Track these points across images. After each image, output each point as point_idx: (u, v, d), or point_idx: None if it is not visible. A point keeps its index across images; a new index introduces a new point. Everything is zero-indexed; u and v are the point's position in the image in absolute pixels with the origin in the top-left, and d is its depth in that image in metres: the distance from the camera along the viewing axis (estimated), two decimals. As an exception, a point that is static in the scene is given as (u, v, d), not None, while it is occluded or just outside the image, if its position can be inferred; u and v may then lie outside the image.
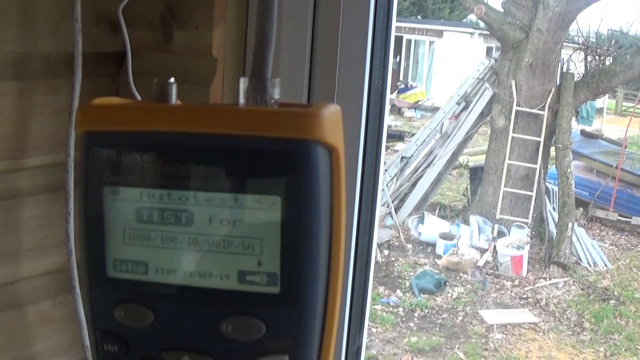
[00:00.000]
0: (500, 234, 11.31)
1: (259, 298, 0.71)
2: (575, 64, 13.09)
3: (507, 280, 10.25)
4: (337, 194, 0.71)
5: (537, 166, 11.73)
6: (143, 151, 0.71)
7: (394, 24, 1.42)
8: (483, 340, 8.62)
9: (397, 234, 11.24)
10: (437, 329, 8.76)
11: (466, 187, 13.55)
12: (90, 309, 0.76)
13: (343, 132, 0.74)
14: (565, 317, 9.38)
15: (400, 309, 9.10)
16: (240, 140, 0.69)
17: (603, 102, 21.98)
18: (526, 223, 11.45)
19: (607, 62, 12.85)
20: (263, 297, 0.71)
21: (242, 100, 0.75)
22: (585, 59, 12.72)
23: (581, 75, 12.47)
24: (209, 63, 1.35)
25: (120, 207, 0.72)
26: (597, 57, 12.71)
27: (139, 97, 0.79)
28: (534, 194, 11.66)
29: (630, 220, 12.99)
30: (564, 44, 12.47)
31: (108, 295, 0.75)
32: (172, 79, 0.76)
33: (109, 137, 0.72)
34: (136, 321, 0.74)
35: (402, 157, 12.60)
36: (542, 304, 9.67)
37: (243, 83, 0.74)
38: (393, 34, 1.42)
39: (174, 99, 0.76)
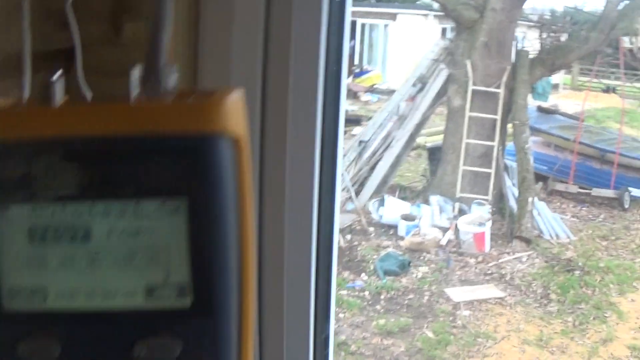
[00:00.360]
0: (462, 212, 11.36)
1: (170, 314, 0.66)
2: (531, 41, 13.18)
3: (470, 258, 10.31)
4: (244, 189, 0.67)
5: (495, 143, 11.80)
6: (28, 162, 0.63)
7: (349, 8, 1.38)
8: (451, 318, 8.67)
9: (359, 218, 11.21)
10: (405, 310, 8.79)
11: (425, 168, 13.58)
12: None
13: (246, 118, 0.70)
14: (531, 290, 9.47)
15: (367, 293, 9.10)
16: (134, 140, 0.63)
17: (559, 77, 22.13)
18: (486, 200, 11.52)
19: (562, 39, 12.96)
20: (175, 313, 0.65)
21: (135, 91, 0.67)
22: (540, 36, 12.86)
23: (536, 52, 12.56)
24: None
25: (9, 227, 0.64)
26: (552, 34, 12.82)
27: (88, 96, 0.75)
28: (493, 171, 11.73)
29: (590, 191, 13.14)
30: (519, 22, 12.55)
31: (7, 331, 0.66)
32: (57, 75, 0.69)
33: None
34: (43, 356, 0.66)
35: (360, 141, 12.59)
36: (507, 278, 9.75)
37: (135, 73, 0.67)
38: (349, 18, 1.37)
39: (58, 98, 0.68)
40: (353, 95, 21.34)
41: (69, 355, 0.66)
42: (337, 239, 1.53)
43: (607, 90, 22.63)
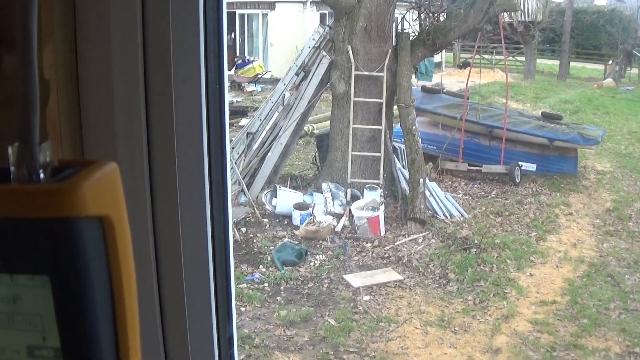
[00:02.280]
0: (354, 198, 11.36)
1: None
2: (410, 23, 13.22)
3: (366, 242, 10.30)
4: (117, 264, 0.68)
5: (382, 127, 11.81)
6: None
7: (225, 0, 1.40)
8: (352, 305, 8.61)
9: (252, 210, 11.13)
10: (305, 299, 8.71)
11: (314, 155, 13.56)
12: None
13: (120, 194, 0.71)
14: (429, 270, 9.50)
15: (266, 285, 9.00)
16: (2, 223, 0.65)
17: (441, 56, 22.47)
18: (378, 184, 11.51)
19: (441, 19, 13.04)
20: None
21: (13, 169, 0.68)
22: (419, 17, 12.88)
23: (417, 34, 12.60)
24: (41, 85, 1.17)
25: None
26: (430, 15, 12.88)
27: None
28: (382, 154, 11.73)
29: (480, 168, 13.31)
30: (397, 3, 12.56)
31: None
32: None
33: None
34: None
35: (248, 133, 12.49)
36: (404, 261, 9.76)
37: (13, 151, 0.68)
38: (225, 10, 1.38)
39: None
40: (237, 86, 21.35)
41: None
42: (232, 233, 1.49)
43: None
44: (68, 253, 0.64)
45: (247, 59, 23.27)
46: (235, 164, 11.82)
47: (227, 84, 1.45)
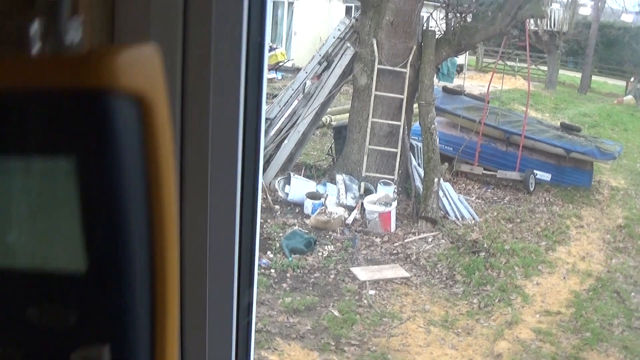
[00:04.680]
0: (367, 192, 11.34)
1: (64, 280, 0.59)
2: (437, 21, 13.20)
3: (376, 237, 10.28)
4: (155, 152, 0.59)
5: (401, 123, 11.78)
6: None
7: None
8: (357, 297, 8.62)
9: (265, 196, 11.11)
10: (311, 288, 8.71)
11: (330, 147, 13.53)
12: None
13: (162, 77, 0.62)
14: (436, 270, 9.49)
15: (273, 271, 9.00)
16: (24, 96, 0.57)
17: (464, 59, 22.44)
18: (392, 180, 11.50)
19: (468, 19, 13.01)
20: (69, 279, 0.59)
21: (35, 46, 0.60)
22: (447, 16, 12.85)
23: (442, 33, 12.57)
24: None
25: None
26: (458, 15, 12.84)
27: None
28: (398, 150, 11.71)
29: (495, 173, 13.27)
30: (425, 2, 12.56)
31: None
32: None
33: None
34: None
35: (266, 119, 12.45)
36: (412, 258, 9.75)
37: (34, 27, 0.60)
38: None
39: None
40: (258, 72, 21.32)
41: None
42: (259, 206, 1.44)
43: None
44: (99, 131, 0.56)
45: (270, 46, 23.24)
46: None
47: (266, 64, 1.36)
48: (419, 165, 12.23)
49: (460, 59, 21.32)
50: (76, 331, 0.58)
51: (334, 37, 12.52)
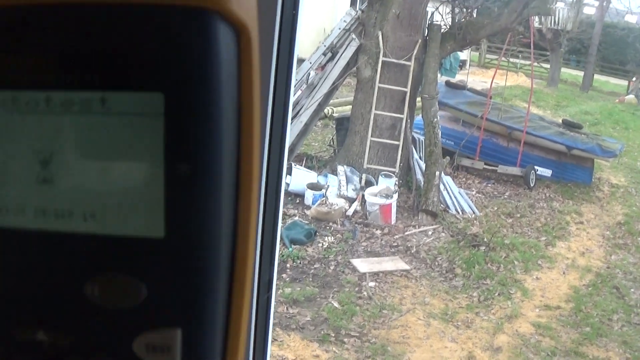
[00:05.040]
0: (368, 184, 11.34)
1: (135, 246, 0.50)
2: (442, 15, 13.19)
3: (376, 229, 10.28)
4: (248, 93, 0.50)
5: (404, 116, 11.77)
6: None
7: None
8: (356, 289, 8.61)
9: (265, 186, 11.08)
10: (310, 279, 8.70)
11: (332, 138, 13.52)
12: None
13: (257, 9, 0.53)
14: (436, 263, 9.48)
15: (273, 260, 8.95)
16: (105, 10, 0.47)
17: (467, 54, 22.42)
18: (393, 172, 11.50)
19: (474, 15, 13.00)
20: (141, 245, 0.50)
21: None
22: (453, 10, 12.83)
23: (448, 27, 12.57)
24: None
25: None
26: (464, 9, 12.83)
27: None
28: (400, 143, 11.71)
29: (496, 168, 13.28)
30: (431, -5, 12.54)
31: None
32: None
33: None
34: None
35: (269, 109, 12.42)
36: (412, 251, 9.75)
37: None
38: None
39: None
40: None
41: (6, 289, 0.51)
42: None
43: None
44: (200, 64, 0.47)
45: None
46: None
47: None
48: (420, 158, 12.24)
49: (463, 55, 21.30)
50: (143, 311, 0.50)
51: (339, 29, 12.49)
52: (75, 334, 0.51)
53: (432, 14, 13.38)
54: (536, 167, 13.43)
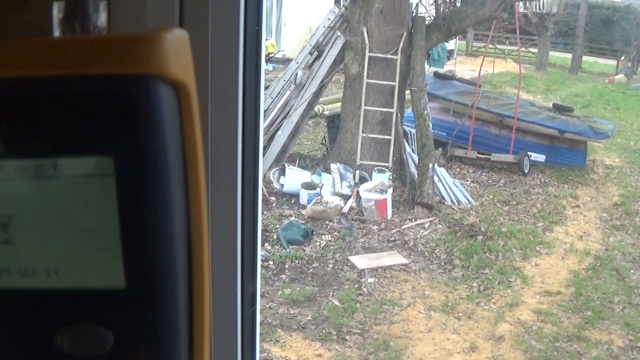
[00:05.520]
0: (362, 180, 11.33)
1: (99, 297, 0.51)
2: (426, 7, 13.18)
3: (373, 225, 10.27)
4: (191, 147, 0.52)
5: (394, 110, 11.77)
6: None
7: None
8: (356, 286, 8.62)
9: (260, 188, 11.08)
10: (310, 279, 8.71)
11: (324, 136, 13.51)
12: None
13: (191, 64, 0.56)
14: (434, 256, 9.49)
15: (271, 262, 8.98)
16: (53, 83, 0.48)
17: (454, 43, 22.44)
18: (387, 167, 11.50)
19: (458, 4, 12.99)
20: (105, 295, 0.51)
21: (56, 32, 0.58)
22: (436, 1, 12.82)
23: (432, 18, 12.56)
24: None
25: None
26: (447, 0, 12.82)
27: None
28: (392, 137, 11.71)
29: (489, 157, 13.29)
30: (414, -13, 12.55)
31: None
32: None
33: None
34: None
35: (259, 111, 12.42)
36: (410, 245, 9.75)
37: (57, 9, 0.57)
38: None
39: None
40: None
41: None
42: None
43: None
44: (145, 125, 0.49)
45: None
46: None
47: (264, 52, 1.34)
48: (413, 151, 12.23)
49: (450, 44, 21.33)
50: (111, 357, 0.52)
51: (324, 27, 12.48)
52: None
53: (416, 5, 13.36)
54: (529, 153, 13.43)
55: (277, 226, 9.90)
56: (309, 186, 11.02)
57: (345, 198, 10.88)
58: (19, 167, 0.49)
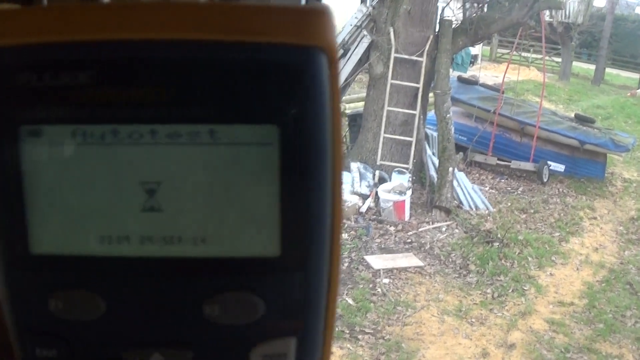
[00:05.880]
0: (382, 180, 11.33)
1: (253, 265, 0.52)
2: (453, 10, 13.17)
3: (390, 226, 10.28)
4: (337, 116, 0.53)
5: (417, 112, 11.77)
6: (76, 71, 0.48)
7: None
8: (371, 286, 8.62)
9: (279, 183, 11.09)
10: (325, 276, 8.70)
11: (345, 135, 13.50)
12: (10, 303, 0.52)
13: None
14: (450, 260, 9.49)
15: (288, 259, 8.98)
16: (221, 49, 0.49)
17: (479, 49, 22.39)
18: (407, 168, 11.50)
19: (485, 9, 12.99)
20: (259, 264, 0.52)
21: None
22: (464, 5, 12.82)
23: (459, 22, 12.56)
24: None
25: (44, 153, 0.49)
26: (475, 4, 12.82)
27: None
28: (413, 139, 11.71)
29: (509, 164, 13.26)
30: (442, -9, 12.54)
31: (35, 280, 0.51)
32: None
33: (24, 54, 0.48)
34: (82, 313, 0.51)
35: (281, 106, 12.42)
36: (426, 247, 9.76)
37: None
38: None
39: None
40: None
41: (117, 313, 0.51)
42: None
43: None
44: (311, 96, 0.50)
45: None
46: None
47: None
48: (433, 154, 12.24)
49: (475, 49, 21.28)
50: (260, 325, 0.53)
51: (350, 25, 12.48)
52: (194, 351, 0.53)
53: (443, 9, 13.35)
54: (549, 162, 13.42)
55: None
56: (328, 184, 11.01)
57: (364, 197, 10.88)
58: (172, 133, 0.49)
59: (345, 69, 12.21)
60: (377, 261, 9.19)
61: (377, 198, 10.78)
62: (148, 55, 0.48)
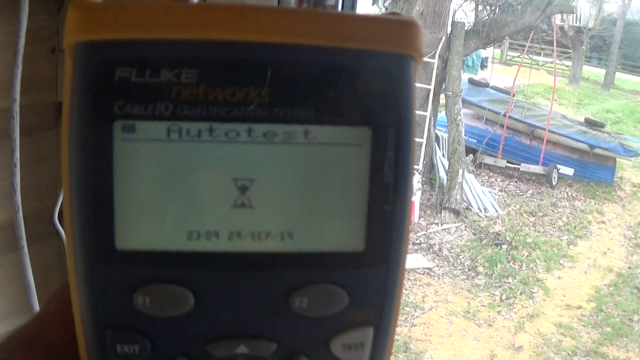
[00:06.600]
0: (391, 181, 11.31)
1: (338, 259, 0.53)
2: (466, 13, 13.18)
3: (399, 226, 10.27)
4: (415, 119, 0.54)
5: (427, 113, 11.76)
6: (179, 68, 0.50)
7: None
8: (379, 286, 8.62)
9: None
10: (334, 275, 8.72)
11: (355, 135, 13.50)
12: (91, 299, 0.53)
13: None
14: (459, 261, 9.51)
15: (297, 259, 9.00)
16: (324, 54, 0.50)
17: (489, 51, 22.37)
18: (417, 169, 11.50)
19: (497, 12, 13.00)
20: (344, 258, 0.53)
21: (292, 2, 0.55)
22: (476, 8, 12.83)
23: (471, 25, 12.57)
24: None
25: (137, 149, 0.51)
26: (487, 7, 12.83)
27: None
28: (424, 140, 11.71)
29: (518, 166, 13.27)
30: (455, -7, 12.53)
31: (122, 276, 0.52)
32: None
33: (124, 49, 0.50)
34: (170, 308, 0.52)
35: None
36: (435, 249, 9.77)
37: None
38: None
39: None
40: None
41: (205, 308, 0.52)
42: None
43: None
44: (402, 100, 0.51)
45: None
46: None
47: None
48: (443, 155, 12.25)
49: (486, 52, 21.25)
50: (342, 316, 0.54)
51: (362, 26, 12.49)
52: (278, 342, 0.54)
53: (455, 11, 13.36)
54: (558, 166, 13.42)
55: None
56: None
57: (373, 197, 10.87)
58: (268, 132, 0.51)
59: (358, 69, 12.20)
60: (386, 261, 9.19)
61: (386, 198, 10.77)
62: (252, 56, 0.50)
